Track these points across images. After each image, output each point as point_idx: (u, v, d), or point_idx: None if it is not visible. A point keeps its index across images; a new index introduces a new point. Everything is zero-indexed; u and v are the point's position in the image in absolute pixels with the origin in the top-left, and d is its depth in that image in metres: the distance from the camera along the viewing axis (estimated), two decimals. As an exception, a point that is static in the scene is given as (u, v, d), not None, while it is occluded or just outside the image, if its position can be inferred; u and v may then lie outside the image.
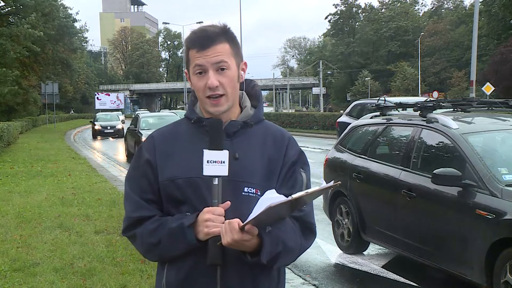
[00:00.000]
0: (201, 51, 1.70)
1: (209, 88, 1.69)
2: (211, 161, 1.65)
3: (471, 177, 4.46)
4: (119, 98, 78.72)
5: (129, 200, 1.79)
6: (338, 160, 6.71)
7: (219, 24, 1.76)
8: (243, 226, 1.56)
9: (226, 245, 1.59)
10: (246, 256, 1.64)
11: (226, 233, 1.58)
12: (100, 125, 30.31)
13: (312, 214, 1.82)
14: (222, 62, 1.70)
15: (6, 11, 34.77)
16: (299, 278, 5.38)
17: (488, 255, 4.16)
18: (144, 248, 1.76)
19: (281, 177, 1.75)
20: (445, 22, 72.76)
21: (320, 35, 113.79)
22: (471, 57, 23.20)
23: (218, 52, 1.70)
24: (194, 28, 1.78)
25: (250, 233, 1.57)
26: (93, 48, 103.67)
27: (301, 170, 1.79)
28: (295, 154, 1.80)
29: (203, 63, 1.70)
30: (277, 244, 1.65)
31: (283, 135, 1.83)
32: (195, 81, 1.73)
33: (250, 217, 1.55)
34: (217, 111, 1.72)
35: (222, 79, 1.70)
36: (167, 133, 1.83)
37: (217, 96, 1.70)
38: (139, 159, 1.81)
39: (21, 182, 11.66)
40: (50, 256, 5.78)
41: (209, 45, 1.69)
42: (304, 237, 1.77)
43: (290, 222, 1.73)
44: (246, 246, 1.61)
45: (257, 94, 1.87)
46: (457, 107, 5.80)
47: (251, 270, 1.71)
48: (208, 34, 1.71)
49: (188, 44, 1.74)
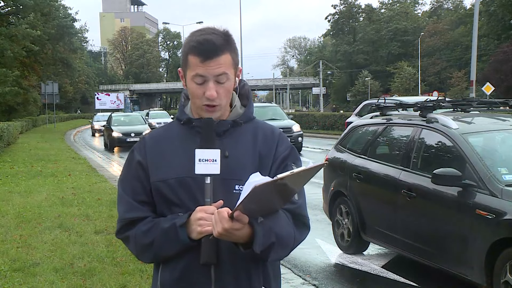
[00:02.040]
0: (204, 62, 1.69)
1: (207, 98, 1.70)
2: (203, 160, 1.66)
3: (471, 177, 4.47)
4: (119, 98, 78.68)
5: (122, 202, 1.80)
6: (338, 160, 6.71)
7: (221, 30, 1.74)
8: (232, 213, 1.54)
9: (217, 236, 1.58)
10: (239, 247, 1.64)
11: (216, 223, 1.57)
12: (119, 132, 22.37)
13: (304, 206, 1.81)
14: (223, 74, 1.70)
15: (6, 11, 34.78)
16: (299, 278, 5.38)
17: (488, 255, 4.16)
18: (138, 250, 1.77)
19: (272, 172, 1.75)
20: (444, 22, 72.77)
21: (320, 36, 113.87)
22: (471, 57, 23.20)
23: (221, 64, 1.70)
24: (196, 33, 1.75)
25: (240, 220, 1.55)
26: (93, 48, 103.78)
27: (293, 165, 1.79)
28: (285, 149, 1.81)
29: (205, 74, 1.69)
30: (270, 234, 1.63)
31: (273, 132, 1.84)
32: (193, 88, 1.73)
33: (237, 203, 1.53)
34: (212, 115, 1.74)
35: (220, 90, 1.71)
36: (158, 135, 1.84)
37: (213, 105, 1.72)
38: (131, 161, 1.82)
39: (21, 182, 11.66)
40: (50, 256, 5.78)
41: (213, 57, 1.69)
42: (297, 229, 1.76)
43: (283, 214, 1.72)
44: (237, 236, 1.59)
45: (246, 93, 1.89)
46: (457, 107, 5.80)
47: (245, 268, 1.71)
48: (213, 45, 1.69)
49: (190, 51, 1.72)
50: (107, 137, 23.57)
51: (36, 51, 32.90)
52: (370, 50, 76.07)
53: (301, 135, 18.82)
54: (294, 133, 18.23)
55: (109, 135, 23.05)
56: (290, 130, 18.13)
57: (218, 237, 1.59)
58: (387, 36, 73.35)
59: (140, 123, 24.59)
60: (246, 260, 1.69)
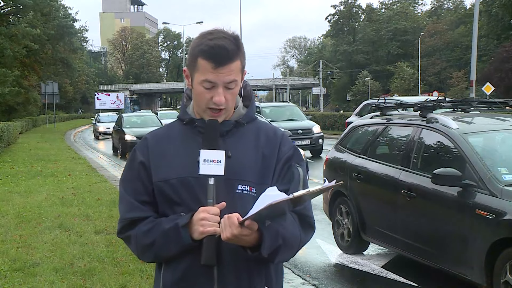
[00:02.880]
0: (216, 68, 1.67)
1: (215, 103, 1.70)
2: (208, 160, 1.65)
3: (471, 177, 4.47)
4: (119, 98, 78.55)
5: (123, 201, 1.80)
6: (338, 160, 6.71)
7: (231, 33, 1.72)
8: (243, 221, 1.56)
9: (225, 239, 1.59)
10: (247, 250, 1.65)
11: (225, 227, 1.58)
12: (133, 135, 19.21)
13: (310, 207, 1.82)
14: (233, 81, 1.70)
15: (6, 11, 34.79)
16: (299, 278, 5.38)
17: (488, 255, 4.16)
18: (139, 249, 1.77)
19: (277, 173, 1.76)
20: (444, 22, 72.76)
21: (320, 36, 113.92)
22: (471, 57, 23.21)
23: (232, 70, 1.69)
24: (206, 35, 1.71)
25: (250, 228, 1.57)
26: (93, 48, 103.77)
27: (297, 165, 1.80)
28: (289, 149, 1.81)
29: (215, 81, 1.68)
30: (277, 237, 1.65)
31: (275, 132, 1.84)
32: (201, 92, 1.72)
33: (250, 213, 1.54)
34: (216, 118, 1.74)
35: (228, 96, 1.71)
36: (161, 134, 1.84)
37: (219, 109, 1.72)
38: (133, 161, 1.81)
39: (21, 182, 11.66)
40: (50, 256, 5.78)
41: (225, 64, 1.67)
42: (303, 231, 1.77)
43: (290, 216, 1.73)
44: (245, 241, 1.61)
45: (249, 94, 1.88)
46: (457, 107, 5.80)
47: (248, 268, 1.71)
48: (225, 53, 1.67)
49: (201, 54, 1.69)
50: (117, 140, 20.66)
51: (36, 50, 32.88)
52: (370, 50, 76.09)
53: (322, 137, 17.71)
54: (314, 134, 17.32)
55: (120, 138, 20.02)
56: (310, 131, 17.29)
57: (226, 241, 1.60)
58: (386, 36, 73.37)
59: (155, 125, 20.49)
60: (248, 261, 1.69)
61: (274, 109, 19.08)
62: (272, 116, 17.63)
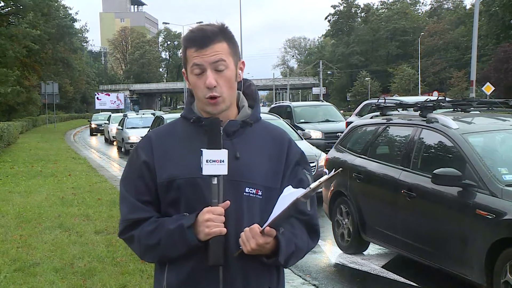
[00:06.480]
0: (199, 50, 1.68)
1: (208, 88, 1.68)
2: (210, 160, 1.63)
3: (471, 177, 4.46)
4: (119, 98, 78.61)
5: (125, 202, 1.77)
6: (338, 160, 6.71)
7: (217, 23, 1.74)
8: (263, 229, 1.58)
9: (249, 252, 1.61)
10: (263, 258, 1.66)
11: (248, 239, 1.59)
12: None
13: (316, 215, 1.85)
14: (220, 61, 1.68)
15: (6, 11, 34.79)
16: (299, 278, 5.38)
17: (488, 255, 4.16)
18: (142, 250, 1.75)
19: (286, 177, 1.77)
20: (444, 22, 72.76)
21: (319, 36, 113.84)
22: (471, 57, 23.20)
23: (216, 51, 1.68)
24: (192, 28, 1.76)
25: (270, 235, 1.59)
26: (93, 48, 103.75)
27: (305, 171, 1.82)
28: (297, 154, 1.82)
29: (201, 62, 1.68)
30: (291, 244, 1.68)
31: (282, 135, 1.84)
32: (194, 81, 1.71)
33: (270, 218, 1.57)
34: (215, 109, 1.71)
35: (220, 80, 1.69)
36: (164, 133, 1.81)
37: (214, 97, 1.70)
38: (135, 160, 1.78)
39: (21, 182, 11.66)
40: (50, 256, 5.78)
41: (208, 44, 1.68)
42: (310, 237, 1.81)
43: (298, 223, 1.76)
44: (266, 249, 1.63)
45: (253, 94, 1.87)
46: (457, 107, 5.80)
47: (253, 269, 1.71)
48: (206, 33, 1.69)
49: (186, 43, 1.72)
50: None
51: (36, 50, 32.89)
52: (367, 50, 76.06)
53: None
54: None
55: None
56: None
57: (249, 253, 1.61)
58: (385, 36, 73.34)
59: None
60: (253, 262, 1.69)
61: (306, 109, 17.04)
62: (305, 117, 15.98)
